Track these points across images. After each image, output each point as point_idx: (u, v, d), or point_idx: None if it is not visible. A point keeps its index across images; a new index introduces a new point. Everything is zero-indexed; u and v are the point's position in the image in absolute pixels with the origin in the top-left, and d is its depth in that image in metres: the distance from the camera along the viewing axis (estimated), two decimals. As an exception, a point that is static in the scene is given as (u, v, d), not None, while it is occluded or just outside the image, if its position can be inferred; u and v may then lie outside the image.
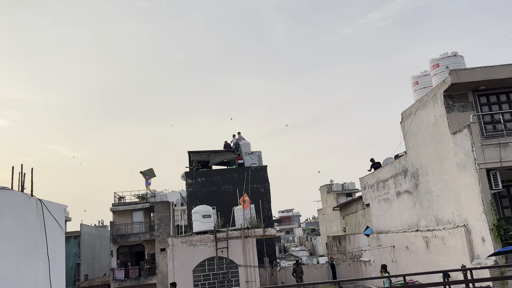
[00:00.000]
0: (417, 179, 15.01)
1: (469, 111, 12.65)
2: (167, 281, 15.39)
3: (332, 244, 31.24)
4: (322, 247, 45.97)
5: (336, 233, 35.16)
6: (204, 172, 25.65)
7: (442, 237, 13.14)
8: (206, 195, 24.28)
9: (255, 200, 21.45)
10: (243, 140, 27.43)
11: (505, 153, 10.79)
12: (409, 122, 15.30)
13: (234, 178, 25.04)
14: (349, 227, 28.28)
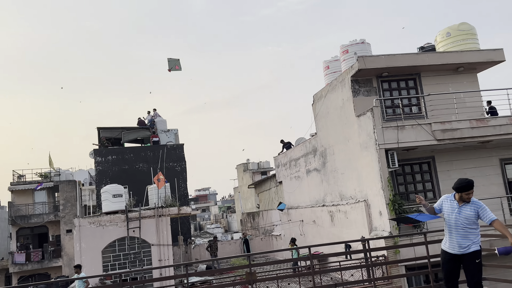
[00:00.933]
0: (325, 158, 15.93)
1: (372, 96, 13.63)
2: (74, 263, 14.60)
3: (247, 221, 32.14)
4: (237, 224, 47.11)
5: (251, 210, 36.19)
6: (115, 149, 24.48)
7: (345, 211, 14.21)
8: (118, 174, 23.28)
9: (170, 179, 21.11)
10: (158, 117, 26.60)
11: (402, 135, 11.88)
12: (320, 105, 16.07)
13: (149, 157, 24.31)
14: (263, 203, 29.26)
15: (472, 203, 5.13)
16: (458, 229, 5.10)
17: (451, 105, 12.73)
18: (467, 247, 5.05)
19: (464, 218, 5.08)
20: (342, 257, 13.38)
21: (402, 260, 7.33)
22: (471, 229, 5.07)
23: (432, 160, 12.94)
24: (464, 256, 5.07)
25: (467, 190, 5.08)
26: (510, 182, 13.24)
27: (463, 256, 5.08)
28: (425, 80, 14.08)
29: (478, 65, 14.13)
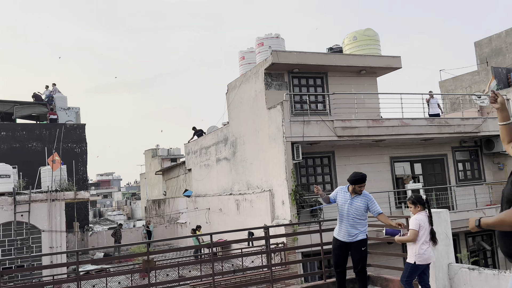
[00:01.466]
0: (235, 147, 16.13)
1: (283, 90, 14.10)
2: None
3: (152, 208, 31.30)
4: (141, 211, 45.63)
5: (157, 197, 35.30)
6: (4, 125, 22.05)
7: (251, 200, 14.58)
8: (7, 152, 21.03)
9: (68, 161, 19.65)
10: (58, 93, 24.45)
11: (307, 130, 12.48)
12: (233, 94, 16.18)
13: (44, 135, 22.31)
14: (170, 191, 28.73)
15: (363, 196, 5.56)
16: (349, 218, 5.50)
17: (352, 105, 13.70)
18: (355, 236, 5.48)
19: (355, 209, 5.48)
20: (245, 245, 13.74)
21: (298, 246, 7.78)
22: (359, 220, 5.49)
23: (332, 154, 13.82)
24: (352, 243, 5.50)
25: (360, 183, 5.50)
26: (397, 178, 14.71)
27: (351, 244, 5.51)
28: (331, 80, 14.94)
29: (378, 70, 15.40)
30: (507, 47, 22.68)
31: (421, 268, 4.96)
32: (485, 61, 23.13)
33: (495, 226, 2.48)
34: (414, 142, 14.63)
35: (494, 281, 4.90)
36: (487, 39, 23.80)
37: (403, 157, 14.89)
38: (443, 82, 23.23)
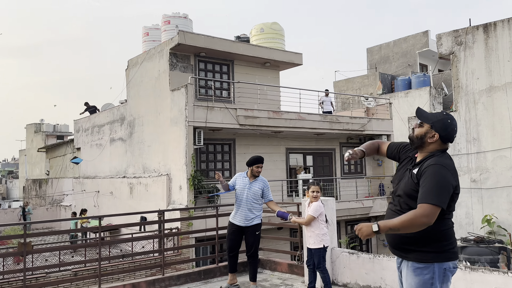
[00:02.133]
0: (133, 128, 15.37)
1: (189, 73, 13.81)
2: None
3: (31, 188, 28.44)
4: (19, 191, 41.18)
5: (39, 176, 32.09)
6: None
7: (146, 184, 14.07)
8: None
9: None
10: None
11: (210, 116, 12.42)
12: (134, 71, 15.36)
13: None
14: (54, 170, 26.32)
15: (261, 181, 5.74)
16: (247, 203, 5.63)
17: (255, 95, 14.00)
18: (251, 220, 5.63)
19: (253, 193, 5.63)
20: (137, 230, 13.24)
21: (193, 231, 7.74)
22: (256, 204, 5.66)
23: (233, 142, 14.00)
24: (247, 228, 5.64)
25: (258, 163, 5.69)
26: (291, 168, 15.49)
27: (246, 228, 5.64)
28: (237, 68, 15.06)
29: (282, 64, 15.96)
30: (393, 56, 25.27)
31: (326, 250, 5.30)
32: (375, 66, 25.49)
33: (400, 228, 2.41)
34: (308, 135, 15.53)
35: (369, 264, 5.45)
36: (377, 47, 26.21)
37: (297, 149, 15.72)
38: (337, 83, 25.02)
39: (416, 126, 2.68)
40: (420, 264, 2.52)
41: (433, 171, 2.47)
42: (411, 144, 2.74)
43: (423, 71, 24.35)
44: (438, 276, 2.51)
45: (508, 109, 7.29)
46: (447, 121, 2.60)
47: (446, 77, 21.46)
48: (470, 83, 7.86)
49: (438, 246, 2.53)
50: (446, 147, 2.66)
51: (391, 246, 2.71)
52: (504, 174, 7.35)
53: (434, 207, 2.39)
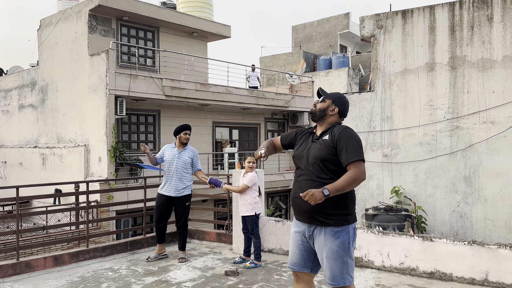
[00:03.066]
0: (45, 94, 14.18)
1: (110, 37, 13.00)
2: None
3: None
4: None
5: None
6: None
7: (61, 155, 13.19)
8: None
9: None
10: None
11: (134, 84, 11.89)
12: (47, 32, 14.05)
13: None
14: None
15: (190, 150, 5.74)
16: (177, 173, 5.59)
17: (182, 66, 13.67)
18: (182, 190, 5.62)
19: (183, 162, 5.61)
20: (50, 203, 12.45)
21: (115, 203, 7.50)
22: (186, 174, 5.64)
23: (158, 113, 13.61)
24: (177, 198, 5.63)
25: (185, 130, 5.68)
26: (217, 142, 15.55)
27: (176, 199, 5.63)
28: (162, 36, 14.51)
29: (210, 35, 15.69)
30: (316, 36, 26.13)
31: (259, 218, 5.51)
32: (299, 45, 26.18)
33: (345, 188, 2.67)
34: (235, 110, 15.64)
35: (293, 231, 5.82)
36: (302, 26, 26.88)
37: (224, 123, 15.78)
38: (263, 58, 25.31)
39: (318, 102, 3.07)
40: (338, 228, 2.77)
41: (349, 134, 2.84)
42: (313, 117, 3.06)
43: (343, 52, 25.57)
44: (351, 236, 2.82)
45: (419, 90, 8.02)
46: (345, 99, 3.07)
47: (364, 59, 22.81)
48: (387, 65, 8.47)
49: (350, 208, 2.83)
50: (341, 121, 3.08)
51: (307, 214, 2.83)
52: (412, 150, 8.14)
53: (362, 163, 2.77)
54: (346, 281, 2.78)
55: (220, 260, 5.68)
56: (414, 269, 4.73)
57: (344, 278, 2.77)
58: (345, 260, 2.76)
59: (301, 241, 2.92)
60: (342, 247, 2.75)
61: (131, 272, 5.18)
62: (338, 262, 2.75)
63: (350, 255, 2.79)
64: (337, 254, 2.74)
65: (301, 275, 2.95)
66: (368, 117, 8.53)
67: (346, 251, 2.76)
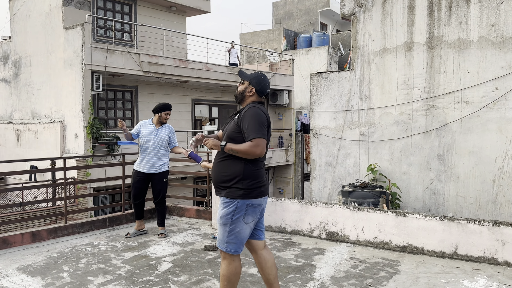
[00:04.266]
0: (18, 68, 13.71)
1: (85, 10, 12.58)
2: None
3: None
4: None
5: None
6: None
7: (36, 131, 12.90)
8: None
9: None
10: None
11: (110, 59, 11.61)
12: (19, 3, 13.47)
13: None
14: None
15: (168, 127, 5.73)
16: (154, 150, 5.58)
17: (160, 41, 13.40)
18: (159, 167, 5.62)
19: (160, 139, 5.59)
20: (25, 180, 12.24)
21: (102, 179, 7.44)
22: (163, 151, 5.65)
23: (135, 90, 13.38)
24: (154, 175, 5.63)
25: (166, 110, 5.66)
26: (196, 119, 15.45)
27: (153, 175, 5.63)
28: (140, 10, 14.12)
29: (188, 10, 15.35)
30: (297, 13, 25.91)
31: None
32: (280, 22, 25.94)
33: (238, 152, 2.95)
34: (214, 87, 15.51)
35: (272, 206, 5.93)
36: (283, 2, 26.56)
37: (203, 100, 15.66)
38: (243, 35, 25.00)
39: (239, 85, 3.25)
40: (227, 199, 3.03)
41: (251, 113, 3.02)
42: (236, 99, 3.28)
43: (323, 30, 25.50)
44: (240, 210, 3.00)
45: (396, 70, 8.14)
46: (261, 78, 3.20)
47: (343, 37, 22.83)
48: (366, 44, 8.53)
49: (246, 183, 2.99)
50: (262, 100, 3.25)
51: (215, 186, 3.17)
52: (388, 129, 8.31)
53: (261, 140, 2.95)
54: (225, 247, 3.03)
55: (200, 235, 5.75)
56: (387, 243, 4.92)
57: (224, 243, 3.03)
58: (227, 229, 3.01)
59: None
60: (225, 216, 3.01)
61: (110, 247, 5.20)
62: (221, 228, 3.05)
63: (232, 227, 2.99)
64: (221, 220, 3.04)
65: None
66: (346, 96, 8.62)
67: (228, 220, 3.00)
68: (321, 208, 5.35)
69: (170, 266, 4.46)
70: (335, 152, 8.74)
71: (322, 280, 4.02)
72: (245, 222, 3.02)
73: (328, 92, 8.77)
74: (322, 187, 8.93)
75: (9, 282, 4.06)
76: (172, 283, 3.98)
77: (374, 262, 4.52)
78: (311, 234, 5.47)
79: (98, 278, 4.15)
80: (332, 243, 5.20)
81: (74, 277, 4.18)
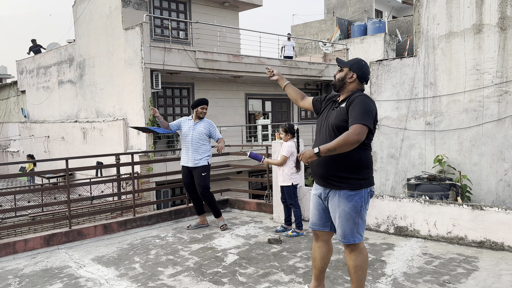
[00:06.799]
0: (83, 69, 14.50)
1: (143, 11, 13.01)
2: None
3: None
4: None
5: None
6: None
7: (101, 129, 13.59)
8: None
9: None
10: None
11: (168, 58, 11.94)
12: (82, 8, 14.22)
13: None
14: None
15: (206, 122, 5.70)
16: (193, 143, 5.59)
17: (215, 38, 13.57)
18: (198, 161, 5.59)
19: (198, 133, 5.59)
20: (92, 175, 12.95)
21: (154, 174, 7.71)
22: (202, 145, 5.62)
23: (192, 86, 13.67)
24: (194, 169, 5.61)
25: (202, 104, 5.66)
26: (250, 114, 15.53)
27: (194, 169, 5.62)
28: (194, 7, 14.38)
29: (240, 4, 15.41)
30: (350, 1, 25.18)
31: (297, 188, 5.49)
32: (332, 11, 25.35)
33: (336, 148, 2.72)
34: (267, 81, 15.47)
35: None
36: (334, -9, 25.91)
37: (257, 95, 15.69)
38: (295, 27, 24.72)
39: (337, 72, 3.10)
40: (352, 192, 2.88)
41: (359, 100, 2.85)
42: (334, 87, 3.10)
43: (378, 17, 24.57)
44: (365, 199, 2.94)
45: (465, 54, 7.62)
46: (362, 63, 3.04)
47: (400, 23, 21.86)
48: (430, 28, 8.06)
49: (365, 173, 2.92)
50: (363, 87, 3.07)
51: (323, 178, 2.99)
52: (456, 117, 7.82)
53: (363, 126, 2.74)
54: (356, 239, 2.93)
55: (262, 228, 5.75)
56: (462, 238, 4.62)
57: (354, 236, 2.93)
58: (356, 221, 2.91)
59: (318, 203, 3.10)
60: (354, 210, 2.89)
61: (177, 239, 5.34)
62: (350, 222, 2.90)
63: (362, 217, 2.93)
64: (349, 215, 2.89)
65: (320, 234, 3.16)
66: (410, 83, 8.22)
67: (358, 213, 2.90)
68: (388, 202, 5.13)
69: (236, 258, 4.49)
70: (398, 144, 8.38)
71: (394, 276, 3.85)
72: (366, 209, 2.99)
73: (390, 80, 8.40)
74: (384, 180, 8.61)
75: (86, 272, 4.28)
76: (240, 275, 4.00)
77: (449, 258, 4.26)
78: (378, 229, 5.27)
79: (168, 269, 4.26)
80: (401, 238, 4.98)
81: (146, 267, 4.33)
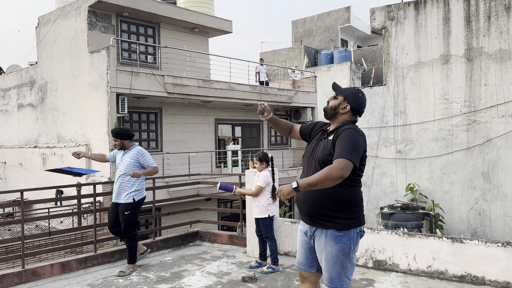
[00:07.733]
0: (44, 93, 13.87)
1: (110, 34, 12.68)
2: None
3: None
4: None
5: None
6: None
7: (62, 155, 12.90)
8: None
9: None
10: None
11: (135, 82, 11.59)
12: (46, 30, 13.72)
13: None
14: None
15: (134, 151, 5.15)
16: (120, 177, 5.10)
17: (184, 62, 13.37)
18: (122, 197, 5.10)
19: (126, 165, 5.08)
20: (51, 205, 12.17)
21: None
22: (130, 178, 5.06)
23: (160, 111, 13.31)
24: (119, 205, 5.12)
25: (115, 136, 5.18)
26: (219, 139, 15.27)
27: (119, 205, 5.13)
28: (163, 32, 14.19)
29: (211, 30, 15.38)
30: (317, 30, 25.79)
31: (273, 220, 5.22)
32: (300, 39, 25.85)
33: (317, 183, 2.46)
34: (237, 106, 15.35)
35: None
36: (302, 20, 26.52)
37: (227, 120, 15.50)
38: (264, 54, 24.97)
39: (331, 99, 2.89)
40: (339, 232, 2.64)
41: (347, 134, 2.63)
42: (325, 115, 2.90)
43: (344, 46, 25.26)
44: (353, 241, 2.69)
45: (433, 84, 7.76)
46: (359, 95, 2.80)
47: (365, 53, 22.52)
48: (399, 58, 8.21)
49: (354, 212, 2.67)
50: (356, 119, 2.84)
51: (308, 215, 2.75)
52: (426, 146, 7.88)
53: (347, 162, 2.50)
54: (343, 284, 2.70)
55: (235, 264, 5.42)
56: (443, 273, 4.49)
57: (342, 281, 2.70)
58: (344, 264, 2.68)
59: (305, 241, 2.85)
60: (342, 252, 2.65)
61: (142, 278, 4.92)
62: (337, 265, 2.67)
63: (350, 259, 2.70)
64: (337, 258, 2.66)
65: (306, 275, 2.88)
66: (380, 112, 8.27)
67: (346, 255, 2.67)
68: (367, 234, 4.96)
69: (208, 301, 4.14)
70: (369, 171, 8.34)
71: (378, 317, 3.63)
72: (355, 251, 2.73)
73: (361, 108, 8.44)
74: (356, 208, 8.52)
75: (39, 319, 3.81)
76: (213, 321, 3.65)
77: (431, 294, 4.10)
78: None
79: (133, 315, 3.86)
80: (380, 272, 4.79)
81: (108, 313, 3.91)
